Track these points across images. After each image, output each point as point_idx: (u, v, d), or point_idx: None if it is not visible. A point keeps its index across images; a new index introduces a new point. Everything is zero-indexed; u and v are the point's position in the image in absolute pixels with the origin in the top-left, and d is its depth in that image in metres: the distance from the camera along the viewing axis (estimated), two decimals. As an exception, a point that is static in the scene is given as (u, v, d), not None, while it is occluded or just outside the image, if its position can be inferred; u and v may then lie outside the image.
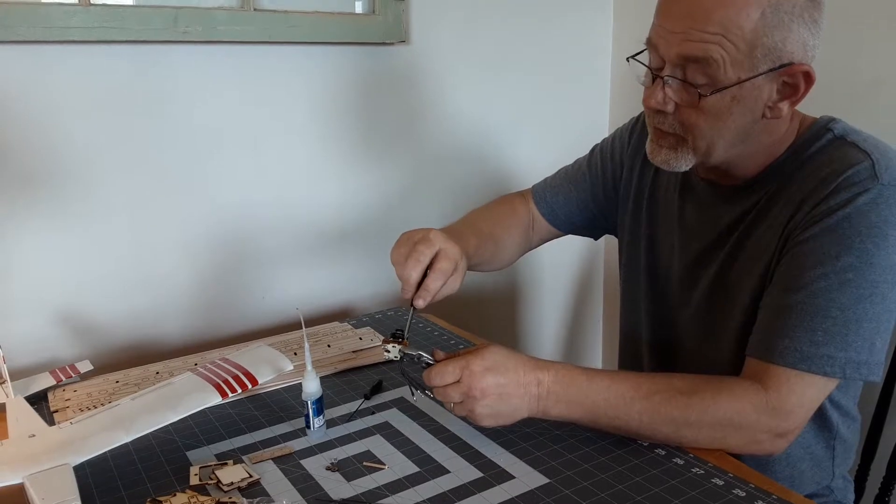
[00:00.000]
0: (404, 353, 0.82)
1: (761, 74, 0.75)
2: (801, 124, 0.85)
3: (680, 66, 0.77)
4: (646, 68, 0.82)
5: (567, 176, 1.14)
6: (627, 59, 0.84)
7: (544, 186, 1.15)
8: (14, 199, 1.06)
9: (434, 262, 0.85)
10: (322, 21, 1.22)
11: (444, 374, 0.78)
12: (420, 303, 0.84)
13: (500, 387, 0.77)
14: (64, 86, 1.06)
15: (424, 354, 0.81)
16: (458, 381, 0.77)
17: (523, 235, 1.13)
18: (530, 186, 1.18)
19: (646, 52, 0.82)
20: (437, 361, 0.80)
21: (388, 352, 0.83)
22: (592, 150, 1.13)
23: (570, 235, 1.23)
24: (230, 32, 1.14)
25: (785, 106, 0.78)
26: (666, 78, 0.78)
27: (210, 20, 1.12)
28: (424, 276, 0.85)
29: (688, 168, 0.84)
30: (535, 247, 1.17)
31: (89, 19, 1.03)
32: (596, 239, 1.19)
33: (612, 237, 1.13)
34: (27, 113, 1.04)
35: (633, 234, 1.04)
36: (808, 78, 0.76)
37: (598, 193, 1.09)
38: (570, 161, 1.17)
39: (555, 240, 1.65)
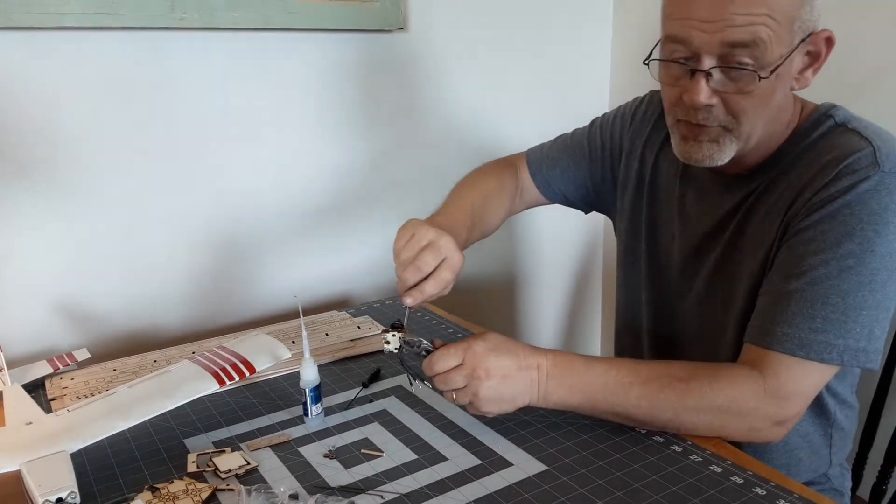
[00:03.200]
0: (405, 341, 0.82)
1: (797, 47, 0.75)
2: (801, 110, 0.84)
3: (724, 55, 0.74)
4: (684, 68, 0.77)
5: (565, 148, 1.11)
6: (645, 62, 0.81)
7: (541, 156, 1.12)
8: (11, 188, 1.05)
9: (436, 269, 0.82)
10: (320, 8, 1.21)
11: (446, 358, 0.77)
12: (409, 301, 0.81)
13: (503, 368, 0.77)
14: (59, 73, 1.05)
15: (425, 341, 0.81)
16: (462, 364, 0.77)
17: (509, 206, 1.10)
18: (523, 151, 1.14)
19: (657, 50, 0.80)
20: (436, 348, 0.80)
21: (388, 342, 0.83)
22: (592, 124, 1.11)
23: (568, 230, 1.22)
24: (227, 19, 1.13)
25: (810, 74, 0.79)
26: (711, 70, 0.75)
27: (207, 6, 1.11)
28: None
29: (728, 160, 0.81)
30: (517, 212, 1.14)
31: (85, 5, 1.02)
32: (586, 213, 1.17)
33: (611, 224, 1.13)
34: (23, 100, 1.04)
35: (633, 222, 1.03)
36: (830, 42, 0.77)
37: (595, 172, 1.08)
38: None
39: (554, 232, 1.65)
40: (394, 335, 0.82)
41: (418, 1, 1.33)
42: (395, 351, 0.83)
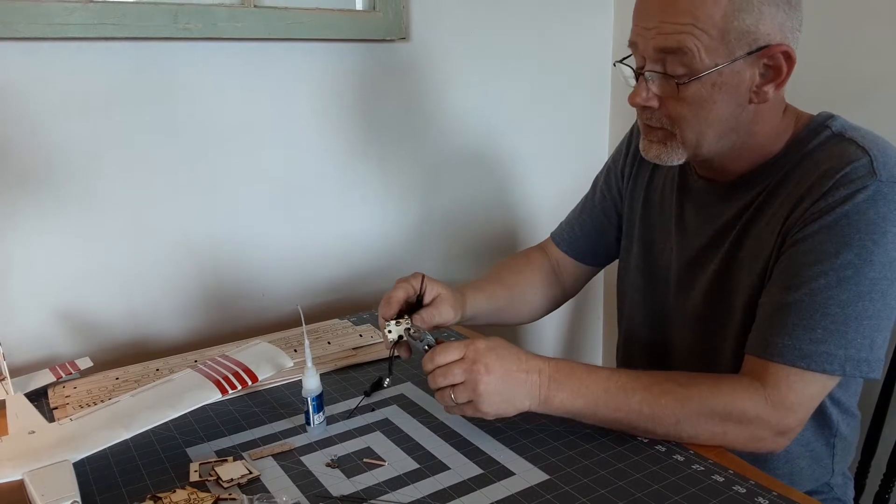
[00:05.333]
0: (410, 331, 0.82)
1: (739, 59, 0.76)
2: (797, 120, 0.85)
3: (659, 61, 0.78)
4: (632, 71, 0.83)
5: (578, 209, 1.15)
6: (614, 63, 0.86)
7: (559, 228, 1.16)
8: (14, 197, 1.06)
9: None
10: (322, 17, 1.22)
11: (448, 351, 0.78)
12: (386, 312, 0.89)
13: (503, 366, 0.77)
14: (63, 83, 1.06)
15: (429, 335, 0.82)
16: (462, 358, 0.77)
17: (546, 282, 1.13)
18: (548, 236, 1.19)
19: (632, 56, 0.84)
20: (439, 344, 0.81)
21: (391, 332, 0.83)
22: (595, 180, 1.14)
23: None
24: (230, 29, 1.14)
25: (770, 89, 0.79)
26: (646, 73, 0.79)
27: (210, 17, 1.12)
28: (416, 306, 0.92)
29: (680, 161, 0.84)
30: (572, 291, 1.17)
31: (89, 16, 1.03)
32: None
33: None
34: (27, 110, 1.04)
35: (629, 236, 1.04)
36: (789, 58, 0.77)
37: (610, 213, 1.09)
38: (569, 157, 1.17)
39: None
40: (398, 324, 0.83)
41: (420, 11, 1.34)
42: (393, 340, 0.84)
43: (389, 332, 0.84)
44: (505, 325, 1.11)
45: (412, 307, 0.91)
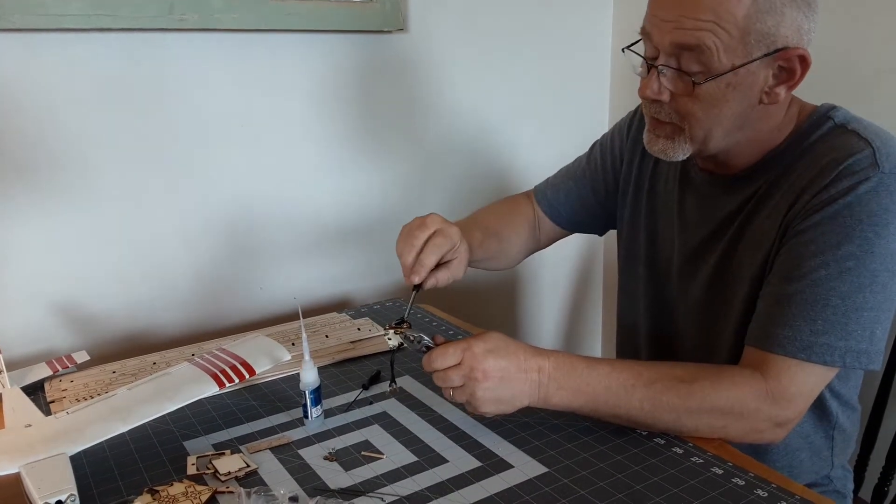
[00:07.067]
0: (405, 336, 0.82)
1: (756, 60, 0.75)
2: (800, 112, 0.84)
3: (674, 55, 0.77)
4: (641, 59, 0.81)
5: (567, 173, 1.14)
6: (623, 49, 0.84)
7: (545, 185, 1.15)
8: (10, 189, 1.05)
9: (429, 239, 0.86)
10: (320, 8, 1.21)
11: (445, 356, 0.77)
12: (415, 278, 0.85)
13: (501, 370, 0.76)
14: (59, 75, 1.05)
15: (426, 337, 0.82)
16: (460, 364, 0.77)
17: (529, 234, 1.13)
18: (532, 187, 1.18)
19: (641, 42, 0.82)
20: (437, 345, 0.80)
21: (390, 339, 0.83)
22: (592, 146, 1.13)
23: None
24: (227, 20, 1.13)
25: (782, 91, 0.78)
26: (660, 67, 0.78)
27: (206, 8, 1.11)
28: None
29: (685, 157, 0.83)
30: (544, 247, 1.18)
31: (84, 7, 1.02)
32: (601, 235, 1.19)
33: (613, 229, 1.13)
34: (22, 102, 1.04)
35: (633, 227, 1.04)
36: (804, 62, 0.76)
37: (598, 188, 1.09)
38: (568, 150, 1.17)
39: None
40: (396, 332, 0.83)
41: (418, 1, 1.33)
42: (394, 347, 0.84)
43: (389, 339, 0.83)
44: (482, 270, 1.12)
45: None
